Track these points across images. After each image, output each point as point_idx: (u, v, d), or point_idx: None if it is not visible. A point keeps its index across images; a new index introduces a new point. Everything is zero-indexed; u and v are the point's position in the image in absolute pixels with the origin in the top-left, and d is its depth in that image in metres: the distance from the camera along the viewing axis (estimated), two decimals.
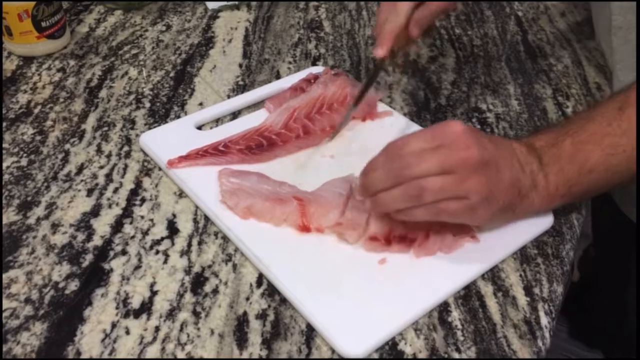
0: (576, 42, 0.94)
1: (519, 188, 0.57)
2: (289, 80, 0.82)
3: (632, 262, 0.85)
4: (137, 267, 0.59)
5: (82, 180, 0.68)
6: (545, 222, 0.64)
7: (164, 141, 0.72)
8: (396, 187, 0.55)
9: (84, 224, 0.64)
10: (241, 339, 0.54)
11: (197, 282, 0.58)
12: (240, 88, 0.84)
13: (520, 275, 0.60)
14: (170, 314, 0.55)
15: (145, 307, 0.56)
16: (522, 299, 0.57)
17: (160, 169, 0.70)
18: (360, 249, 0.60)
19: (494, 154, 0.56)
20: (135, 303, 0.56)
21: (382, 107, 0.78)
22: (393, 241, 0.59)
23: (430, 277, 0.58)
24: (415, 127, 0.75)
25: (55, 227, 0.63)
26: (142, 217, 0.64)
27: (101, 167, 0.70)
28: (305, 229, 0.61)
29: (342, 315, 0.54)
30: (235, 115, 0.79)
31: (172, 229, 0.63)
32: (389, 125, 0.76)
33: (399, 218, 0.58)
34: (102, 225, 0.63)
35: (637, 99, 0.57)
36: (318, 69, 0.85)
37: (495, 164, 0.55)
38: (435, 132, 0.56)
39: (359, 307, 0.55)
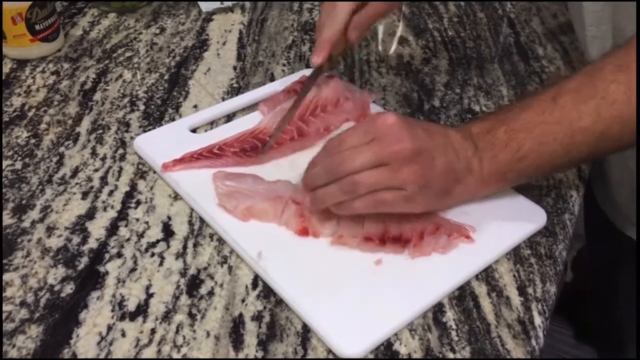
0: (568, 44, 0.95)
1: (454, 173, 0.59)
2: (283, 83, 0.83)
3: (627, 262, 0.85)
4: (133, 270, 0.59)
5: (77, 183, 0.69)
6: (538, 221, 0.64)
7: (159, 144, 0.72)
8: (333, 182, 0.58)
9: (79, 226, 0.64)
10: (237, 341, 0.54)
11: (193, 284, 0.58)
12: (234, 90, 0.84)
13: (514, 276, 0.60)
14: (166, 316, 0.55)
15: (141, 310, 0.56)
16: (516, 299, 0.58)
17: (155, 171, 0.70)
18: (356, 250, 0.60)
19: (427, 143, 0.58)
20: (131, 306, 0.56)
21: (375, 108, 0.79)
22: (388, 241, 0.60)
23: (425, 278, 0.58)
24: None
25: (50, 230, 0.63)
26: (137, 219, 0.65)
27: (96, 170, 0.70)
28: (304, 232, 0.62)
29: (338, 315, 0.54)
30: (229, 117, 0.79)
31: (168, 232, 0.63)
32: None
33: (340, 212, 0.59)
34: (97, 228, 0.63)
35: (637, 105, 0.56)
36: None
37: (428, 152, 0.57)
38: (369, 126, 0.58)
39: (355, 307, 0.55)
